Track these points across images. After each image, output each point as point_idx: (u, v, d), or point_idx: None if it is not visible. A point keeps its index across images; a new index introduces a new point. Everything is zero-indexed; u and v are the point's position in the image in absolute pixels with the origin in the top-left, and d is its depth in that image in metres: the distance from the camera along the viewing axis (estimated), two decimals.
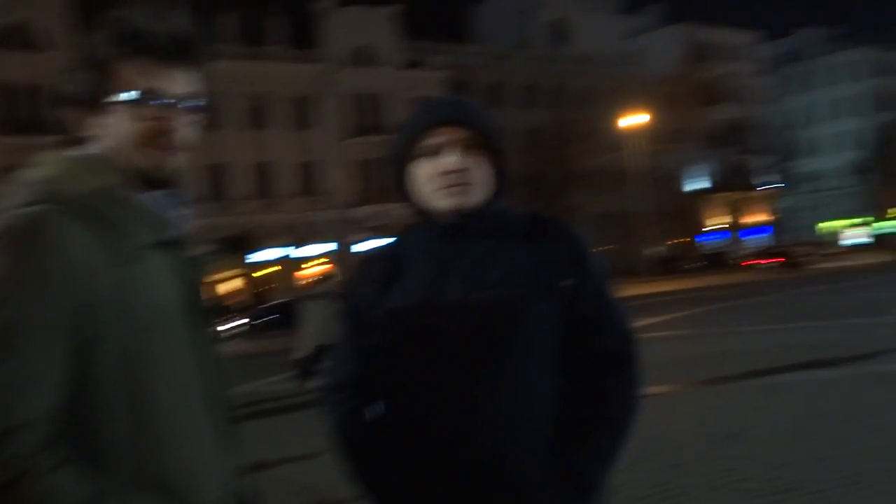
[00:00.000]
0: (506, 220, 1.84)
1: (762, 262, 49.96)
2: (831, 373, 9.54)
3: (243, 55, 44.52)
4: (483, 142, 1.78)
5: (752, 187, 66.54)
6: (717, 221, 65.90)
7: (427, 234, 1.82)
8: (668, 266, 53.18)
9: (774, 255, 50.93)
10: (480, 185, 1.77)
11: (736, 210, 66.48)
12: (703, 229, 64.78)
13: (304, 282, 14.48)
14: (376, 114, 48.56)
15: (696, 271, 50.87)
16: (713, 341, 13.74)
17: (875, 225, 72.95)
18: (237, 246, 41.49)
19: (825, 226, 77.87)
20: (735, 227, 66.53)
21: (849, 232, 75.56)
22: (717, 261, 55.71)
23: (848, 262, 46.70)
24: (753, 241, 64.33)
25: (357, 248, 43.38)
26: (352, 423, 1.83)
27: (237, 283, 43.04)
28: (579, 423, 1.74)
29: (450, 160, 1.74)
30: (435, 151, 1.76)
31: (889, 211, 70.48)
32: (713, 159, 64.87)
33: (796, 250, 51.54)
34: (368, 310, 1.80)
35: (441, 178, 1.74)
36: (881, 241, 60.01)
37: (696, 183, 64.90)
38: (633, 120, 50.01)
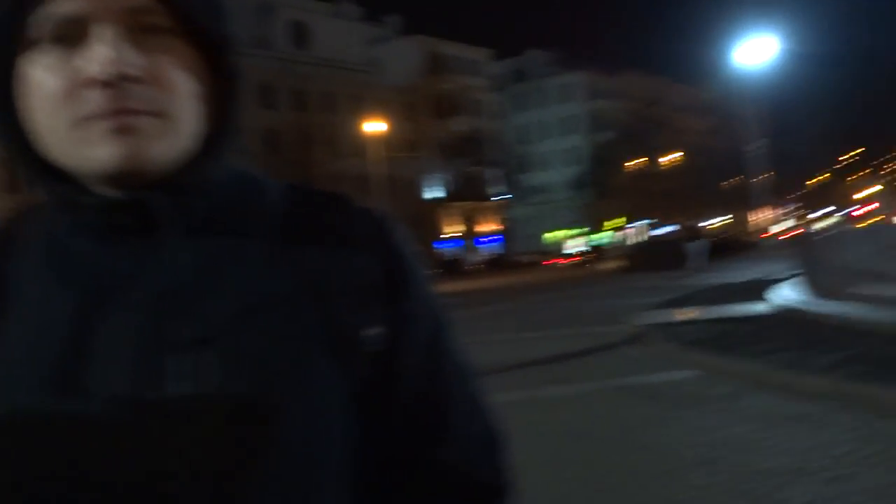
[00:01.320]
0: (240, 193, 0.90)
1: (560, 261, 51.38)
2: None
3: None
4: (179, 17, 0.82)
5: (485, 198, 69.62)
6: (452, 229, 68.22)
7: (63, 223, 0.86)
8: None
9: (503, 263, 53.49)
10: (179, 117, 0.82)
11: (469, 219, 69.24)
12: (441, 236, 66.76)
13: None
14: None
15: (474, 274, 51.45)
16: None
17: (592, 236, 79.08)
18: None
19: (549, 236, 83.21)
20: (469, 236, 69.26)
21: (570, 242, 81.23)
22: (453, 267, 57.44)
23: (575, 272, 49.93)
24: (485, 249, 67.46)
25: None
26: None
27: None
28: None
29: (104, 53, 0.78)
30: (72, 31, 0.79)
31: (605, 224, 76.93)
32: (448, 169, 67.11)
33: (522, 258, 54.63)
34: None
35: (88, 96, 0.78)
36: (597, 251, 64.98)
37: (433, 192, 66.80)
38: (374, 126, 50.34)
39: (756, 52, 36.43)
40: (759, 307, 14.81)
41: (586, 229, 79.47)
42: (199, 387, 0.77)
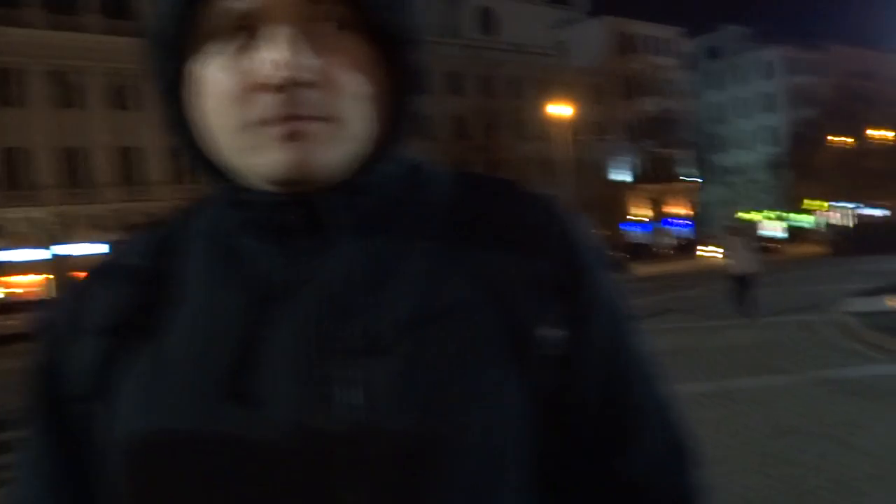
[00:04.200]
0: (409, 187, 0.83)
1: None
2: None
3: (48, 23, 40.02)
4: (359, 9, 0.76)
5: (674, 179, 67.44)
6: (640, 213, 66.66)
7: (230, 221, 0.81)
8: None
9: (693, 247, 51.60)
10: (349, 120, 0.76)
11: (658, 202, 67.35)
12: (629, 219, 65.43)
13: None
14: None
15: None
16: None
17: (791, 218, 74.80)
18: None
19: (744, 217, 79.45)
20: (657, 219, 67.42)
21: (766, 224, 77.28)
22: (640, 251, 56.02)
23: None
24: (675, 232, 65.48)
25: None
26: None
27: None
28: None
29: (278, 55, 0.73)
30: (246, 28, 0.74)
31: (805, 202, 72.56)
32: (636, 151, 65.55)
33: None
34: (82, 402, 0.80)
35: (259, 100, 0.74)
36: (794, 234, 61.41)
37: (621, 174, 65.53)
38: (560, 110, 49.95)
39: None
40: None
41: (783, 212, 75.28)
42: (371, 408, 0.71)
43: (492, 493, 0.75)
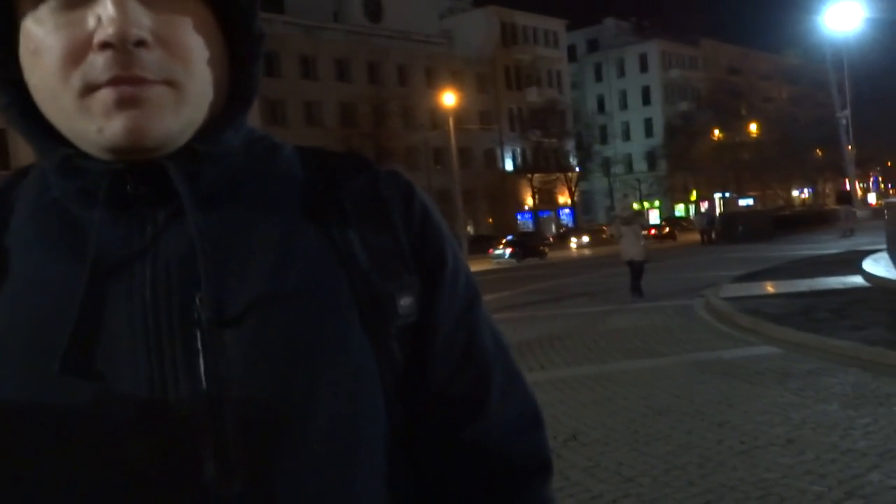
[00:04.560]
0: (255, 158, 0.82)
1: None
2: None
3: None
4: None
5: (560, 169, 68.81)
6: (528, 202, 67.74)
7: (68, 190, 0.76)
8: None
9: (575, 236, 52.69)
10: (191, 85, 0.73)
11: (544, 191, 68.62)
12: (523, 209, 66.39)
13: None
14: None
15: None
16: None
17: (670, 209, 77.51)
18: None
19: (635, 207, 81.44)
20: (543, 208, 68.70)
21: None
22: (528, 240, 56.89)
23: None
24: (560, 222, 66.93)
25: None
26: None
27: None
28: None
29: (109, 12, 0.68)
30: None
31: (683, 196, 75.32)
32: (521, 141, 66.55)
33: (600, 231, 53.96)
34: None
35: (90, 60, 0.69)
36: (674, 223, 63.74)
37: (508, 164, 66.40)
38: (448, 99, 50.19)
39: (842, 18, 34.97)
40: (846, 280, 14.30)
41: (662, 202, 78.06)
42: (221, 379, 0.70)
43: (346, 462, 0.75)
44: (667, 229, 52.62)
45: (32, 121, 0.75)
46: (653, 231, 49.74)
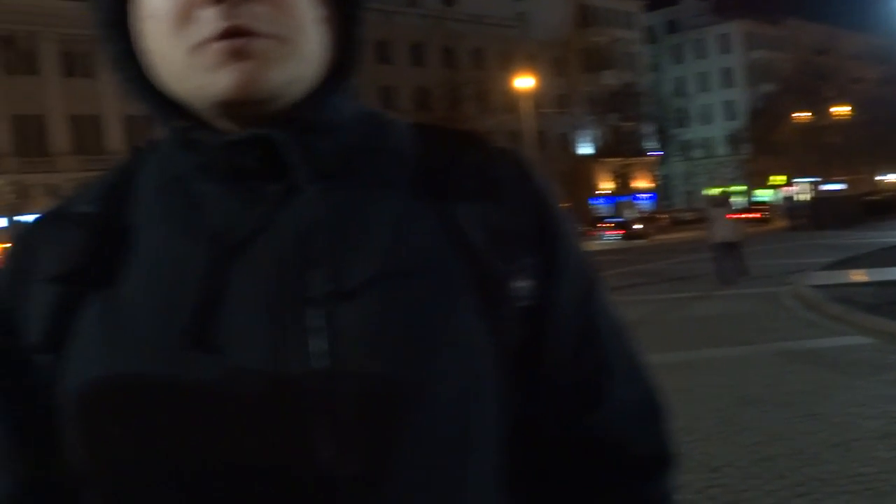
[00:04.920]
0: (369, 134, 0.81)
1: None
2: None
3: None
4: None
5: (637, 153, 67.79)
6: (604, 186, 66.97)
7: (186, 165, 0.77)
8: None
9: (655, 220, 51.83)
10: (300, 41, 0.73)
11: (622, 175, 67.71)
12: (595, 193, 65.69)
13: None
14: None
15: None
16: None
17: (754, 194, 75.56)
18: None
19: (711, 193, 79.86)
20: (622, 192, 67.80)
21: (734, 200, 77.99)
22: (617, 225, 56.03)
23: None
24: (639, 206, 65.92)
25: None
26: None
27: None
28: None
29: None
30: None
31: (767, 180, 73.35)
32: (600, 125, 65.72)
33: (684, 216, 53.12)
34: (37, 351, 0.76)
35: (200, 16, 0.71)
36: (758, 208, 62.09)
37: (585, 147, 65.72)
38: (523, 82, 49.88)
39: None
40: None
41: (745, 186, 76.10)
42: (337, 355, 0.69)
43: (460, 443, 0.73)
44: (758, 214, 51.80)
45: (150, 93, 0.76)
46: (746, 215, 48.89)
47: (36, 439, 0.78)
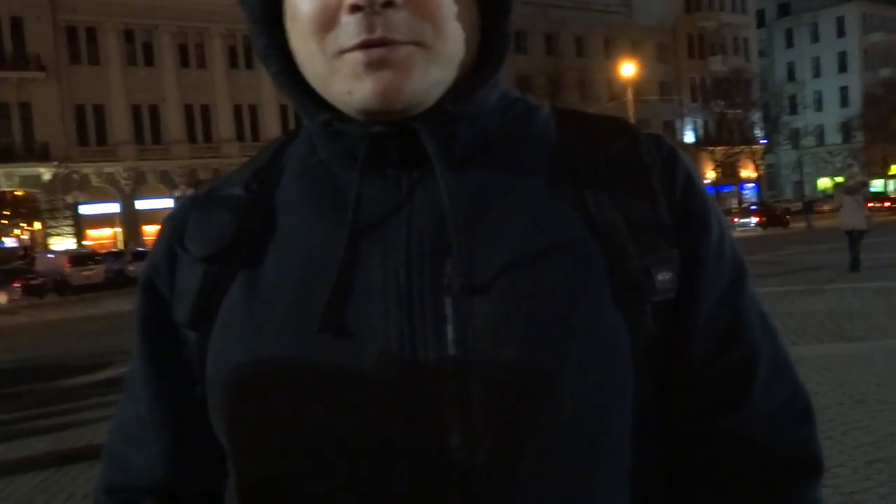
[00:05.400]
0: (510, 119, 0.80)
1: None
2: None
3: None
4: None
5: (744, 141, 65.87)
6: (709, 175, 65.37)
7: (331, 154, 0.79)
8: None
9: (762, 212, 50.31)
10: (441, 45, 0.72)
11: (727, 164, 65.94)
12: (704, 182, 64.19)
13: None
14: None
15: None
16: None
17: (872, 182, 72.41)
18: None
19: (826, 184, 76.90)
20: (726, 182, 66.03)
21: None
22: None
23: None
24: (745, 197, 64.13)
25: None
26: None
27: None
28: None
29: None
30: None
31: (890, 170, 70.05)
32: (703, 112, 64.11)
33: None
34: (185, 327, 0.80)
35: (343, 23, 0.71)
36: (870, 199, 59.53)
37: (689, 135, 64.25)
38: (627, 69, 49.11)
39: None
40: None
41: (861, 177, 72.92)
42: (470, 342, 0.69)
43: (593, 438, 0.71)
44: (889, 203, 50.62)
45: (298, 87, 0.78)
46: (887, 203, 47.79)
47: (179, 409, 0.82)
